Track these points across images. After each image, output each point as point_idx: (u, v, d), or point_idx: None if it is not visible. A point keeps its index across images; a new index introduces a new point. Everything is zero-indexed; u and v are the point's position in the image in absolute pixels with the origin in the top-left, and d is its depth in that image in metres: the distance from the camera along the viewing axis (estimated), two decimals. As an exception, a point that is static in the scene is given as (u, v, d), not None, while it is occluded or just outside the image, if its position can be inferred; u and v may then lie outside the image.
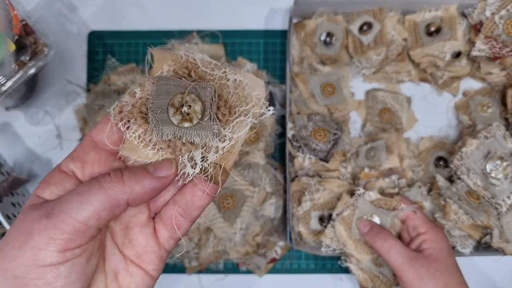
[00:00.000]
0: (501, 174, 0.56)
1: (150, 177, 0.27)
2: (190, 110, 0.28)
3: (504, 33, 0.58)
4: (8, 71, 0.50)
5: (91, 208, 0.25)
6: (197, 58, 0.30)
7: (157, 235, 0.29)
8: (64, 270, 0.24)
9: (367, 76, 0.65)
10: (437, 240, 0.51)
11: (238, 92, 0.29)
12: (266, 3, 0.67)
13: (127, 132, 0.29)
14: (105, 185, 0.25)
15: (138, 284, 0.29)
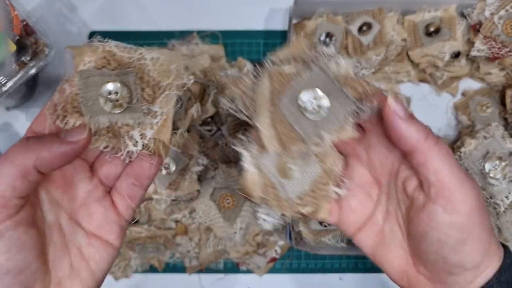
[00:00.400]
0: (500, 174, 0.56)
1: (58, 142, 0.27)
2: (118, 96, 0.30)
3: (503, 33, 0.58)
4: (9, 71, 0.50)
5: (2, 180, 0.25)
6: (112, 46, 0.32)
7: (116, 206, 0.32)
8: (2, 244, 0.25)
9: (367, 76, 0.66)
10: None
11: (158, 68, 0.31)
12: (266, 3, 0.67)
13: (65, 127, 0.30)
14: (10, 155, 0.26)
15: (102, 254, 0.31)
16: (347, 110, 0.31)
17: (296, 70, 0.32)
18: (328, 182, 0.33)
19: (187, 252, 0.62)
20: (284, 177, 0.32)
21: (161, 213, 0.61)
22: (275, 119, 0.31)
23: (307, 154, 0.32)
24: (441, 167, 0.28)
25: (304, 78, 0.31)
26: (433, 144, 0.29)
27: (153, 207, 0.61)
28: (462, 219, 0.29)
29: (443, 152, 0.29)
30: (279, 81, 0.32)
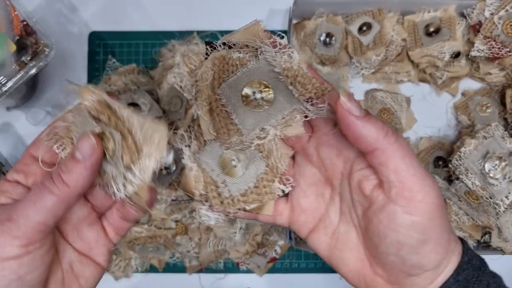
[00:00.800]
0: (500, 174, 0.56)
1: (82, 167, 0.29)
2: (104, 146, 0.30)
3: (503, 33, 0.58)
4: (9, 71, 0.50)
5: (48, 212, 0.28)
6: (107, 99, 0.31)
7: (106, 231, 0.34)
8: (27, 260, 0.28)
9: (367, 77, 0.66)
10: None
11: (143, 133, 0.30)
12: (266, 3, 0.67)
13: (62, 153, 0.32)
14: (54, 191, 0.28)
15: (92, 273, 0.33)
16: (294, 107, 0.30)
17: (244, 58, 0.30)
18: (273, 179, 0.31)
19: (187, 252, 0.62)
20: (227, 174, 0.31)
21: (161, 213, 0.61)
22: (214, 106, 0.30)
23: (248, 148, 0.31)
24: (401, 166, 0.27)
25: (250, 68, 0.30)
26: (392, 142, 0.27)
27: (153, 207, 0.61)
28: (423, 219, 0.28)
29: (403, 150, 0.27)
30: (223, 68, 0.30)
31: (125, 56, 0.66)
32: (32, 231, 0.28)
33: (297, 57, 0.29)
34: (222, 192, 0.31)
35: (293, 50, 0.29)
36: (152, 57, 0.66)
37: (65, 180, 0.29)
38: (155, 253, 0.61)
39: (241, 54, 0.30)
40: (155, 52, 0.66)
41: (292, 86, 0.29)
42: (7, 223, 0.28)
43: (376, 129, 0.27)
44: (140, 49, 0.66)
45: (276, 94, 0.30)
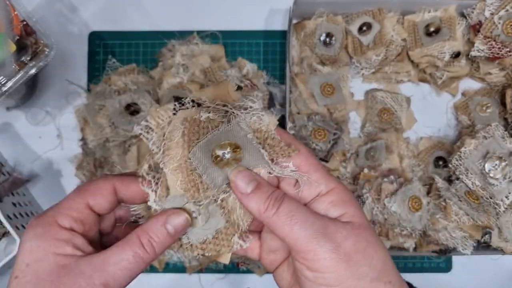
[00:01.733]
0: (500, 174, 0.56)
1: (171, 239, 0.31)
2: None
3: (503, 33, 0.58)
4: (9, 71, 0.50)
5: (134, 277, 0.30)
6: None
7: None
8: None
9: (367, 76, 0.66)
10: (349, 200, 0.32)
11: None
12: (266, 3, 0.67)
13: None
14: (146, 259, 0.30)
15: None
16: (259, 164, 0.31)
17: (214, 121, 0.31)
18: (233, 233, 0.33)
19: (187, 252, 0.62)
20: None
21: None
22: (183, 165, 0.31)
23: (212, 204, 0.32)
24: (283, 234, 0.29)
25: (221, 130, 0.31)
26: (271, 215, 0.29)
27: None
28: (323, 274, 0.28)
29: (281, 220, 0.29)
30: (193, 130, 0.31)
31: (125, 56, 0.66)
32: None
33: (266, 120, 0.31)
34: (181, 238, 0.33)
35: (263, 113, 0.31)
36: (152, 57, 0.66)
37: (157, 251, 0.30)
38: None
39: (211, 115, 0.31)
40: (155, 52, 0.66)
41: (262, 149, 0.31)
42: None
43: (257, 205, 0.30)
44: (140, 49, 0.66)
45: (245, 154, 0.31)
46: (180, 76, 0.61)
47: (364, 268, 0.29)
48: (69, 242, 0.29)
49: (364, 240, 0.30)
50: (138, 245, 0.30)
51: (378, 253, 0.30)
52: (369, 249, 0.30)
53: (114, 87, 0.62)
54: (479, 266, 0.64)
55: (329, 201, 0.31)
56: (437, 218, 0.58)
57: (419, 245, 0.60)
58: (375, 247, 0.30)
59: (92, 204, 0.31)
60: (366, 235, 0.30)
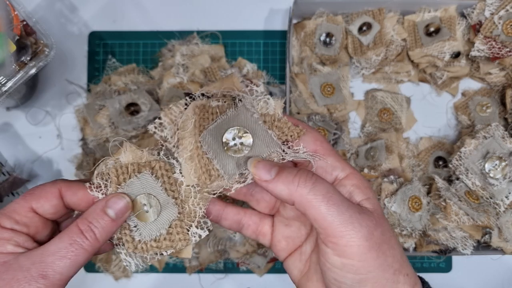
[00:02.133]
0: (500, 174, 0.56)
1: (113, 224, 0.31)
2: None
3: (503, 33, 0.58)
4: (9, 71, 0.50)
5: (78, 266, 0.30)
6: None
7: None
8: None
9: (367, 76, 0.66)
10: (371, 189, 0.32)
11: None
12: (266, 3, 0.67)
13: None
14: (86, 246, 0.30)
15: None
16: (271, 151, 0.31)
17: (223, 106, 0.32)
18: (189, 224, 0.33)
19: (187, 252, 0.62)
20: (138, 218, 0.33)
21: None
22: (196, 153, 0.31)
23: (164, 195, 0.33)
24: (318, 216, 0.28)
25: (229, 115, 0.32)
26: (306, 193, 0.28)
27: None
28: (352, 261, 0.28)
29: (318, 199, 0.28)
30: (203, 116, 0.32)
31: (125, 56, 0.66)
32: (63, 285, 0.29)
33: (273, 103, 0.32)
34: (134, 237, 0.32)
35: (269, 97, 0.32)
36: (152, 57, 0.66)
37: (98, 236, 0.30)
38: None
39: (220, 103, 0.32)
40: (155, 52, 0.66)
41: (270, 130, 0.31)
42: (42, 280, 0.28)
43: (286, 186, 0.29)
44: (140, 49, 0.66)
45: (254, 138, 0.31)
46: (180, 76, 0.61)
47: (390, 259, 0.29)
48: (10, 240, 0.30)
49: (388, 230, 0.30)
50: (76, 233, 0.30)
51: (398, 244, 0.30)
52: (392, 240, 0.30)
53: (114, 87, 0.62)
54: (479, 266, 0.64)
55: (352, 184, 0.31)
56: (437, 218, 0.58)
57: (419, 245, 0.60)
58: (395, 239, 0.30)
59: (35, 207, 0.31)
60: (388, 225, 0.30)
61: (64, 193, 0.31)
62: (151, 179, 0.32)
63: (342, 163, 0.31)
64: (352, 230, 0.27)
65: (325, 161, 0.31)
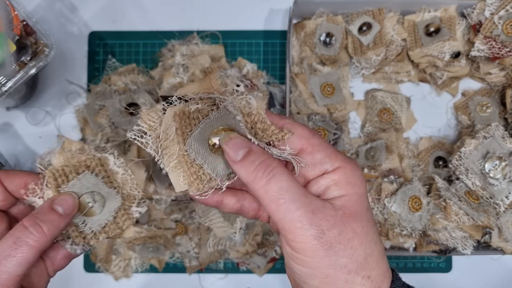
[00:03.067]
0: (500, 174, 0.56)
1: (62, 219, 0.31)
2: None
3: (503, 33, 0.58)
4: (9, 71, 0.50)
5: (26, 264, 0.29)
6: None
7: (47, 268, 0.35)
8: None
9: (367, 76, 0.66)
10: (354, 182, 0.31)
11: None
12: (266, 3, 0.67)
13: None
14: (32, 242, 0.30)
15: None
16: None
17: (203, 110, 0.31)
18: (130, 206, 0.36)
19: (187, 252, 0.62)
20: (86, 215, 0.35)
21: (161, 213, 0.61)
22: (182, 160, 0.31)
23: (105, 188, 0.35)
24: (269, 210, 0.29)
25: (212, 118, 0.31)
26: (260, 187, 0.28)
27: (153, 207, 0.61)
28: (302, 257, 0.28)
29: (269, 196, 0.28)
30: (185, 122, 0.31)
31: (125, 56, 0.66)
32: (13, 284, 0.29)
33: (254, 104, 0.31)
34: (83, 230, 0.35)
35: (250, 97, 0.31)
36: (152, 57, 0.66)
37: (45, 231, 0.30)
38: (155, 253, 0.61)
39: (200, 106, 0.31)
40: (155, 52, 0.66)
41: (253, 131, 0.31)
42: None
43: (246, 173, 0.29)
44: (140, 49, 0.66)
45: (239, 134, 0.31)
46: (180, 76, 0.61)
47: (343, 260, 0.28)
48: None
49: (351, 230, 0.29)
50: (20, 230, 0.30)
51: (363, 246, 0.29)
52: (354, 241, 0.29)
53: (114, 87, 0.62)
54: (479, 266, 0.64)
55: (332, 179, 0.30)
56: (437, 218, 0.58)
57: (419, 245, 0.60)
58: (361, 239, 0.29)
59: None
60: (356, 225, 0.29)
61: (3, 181, 0.33)
62: (91, 178, 0.35)
63: (331, 157, 0.31)
64: (300, 229, 0.28)
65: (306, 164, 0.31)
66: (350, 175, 0.30)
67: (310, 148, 0.31)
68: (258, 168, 0.29)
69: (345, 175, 0.30)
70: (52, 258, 0.35)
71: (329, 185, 0.30)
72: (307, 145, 0.31)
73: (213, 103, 0.32)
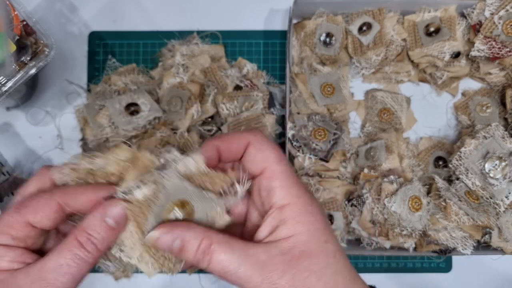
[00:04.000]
0: (500, 174, 0.56)
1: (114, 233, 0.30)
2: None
3: (503, 33, 0.58)
4: (9, 71, 0.50)
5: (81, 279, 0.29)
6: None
7: None
8: None
9: (367, 76, 0.66)
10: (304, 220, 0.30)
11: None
12: (266, 3, 0.67)
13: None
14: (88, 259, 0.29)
15: None
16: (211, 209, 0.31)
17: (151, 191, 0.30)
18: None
19: (187, 252, 0.62)
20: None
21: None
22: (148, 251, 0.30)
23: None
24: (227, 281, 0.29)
25: (160, 198, 0.30)
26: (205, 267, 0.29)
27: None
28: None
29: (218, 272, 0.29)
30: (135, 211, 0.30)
31: (125, 56, 0.66)
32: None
33: (191, 162, 0.31)
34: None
35: (184, 157, 0.31)
36: (152, 57, 0.66)
37: (99, 247, 0.29)
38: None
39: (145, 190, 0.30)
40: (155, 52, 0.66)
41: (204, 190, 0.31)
42: None
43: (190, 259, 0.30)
44: (140, 49, 0.66)
45: (194, 203, 0.31)
46: (180, 76, 0.61)
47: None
48: (4, 257, 0.28)
49: (304, 270, 0.29)
50: (77, 246, 0.29)
51: (323, 281, 0.29)
52: (311, 278, 0.29)
53: (114, 87, 0.62)
54: (479, 266, 0.64)
55: (280, 218, 0.30)
56: (437, 218, 0.58)
57: (419, 245, 0.60)
58: (318, 275, 0.29)
59: (33, 222, 0.29)
60: (309, 263, 0.29)
61: (64, 203, 0.30)
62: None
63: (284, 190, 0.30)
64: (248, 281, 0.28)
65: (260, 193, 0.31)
66: (300, 212, 0.30)
67: (269, 174, 0.31)
68: (197, 255, 0.29)
69: (293, 213, 0.30)
70: None
71: (278, 225, 0.30)
72: (269, 170, 0.31)
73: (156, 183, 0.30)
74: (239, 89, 0.62)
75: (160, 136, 0.57)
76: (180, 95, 0.60)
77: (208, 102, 0.61)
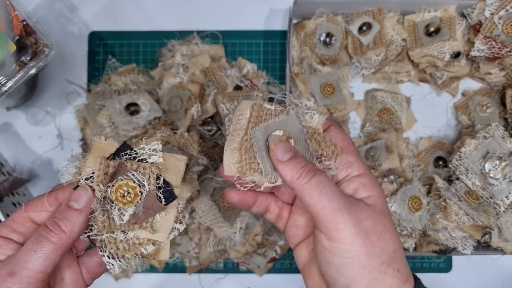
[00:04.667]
0: (500, 174, 0.56)
1: (77, 213, 0.32)
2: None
3: (503, 33, 0.58)
4: (9, 71, 0.50)
5: (47, 260, 0.30)
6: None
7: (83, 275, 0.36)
8: None
9: (367, 76, 0.66)
10: (377, 187, 0.35)
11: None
12: (266, 3, 0.67)
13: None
14: (53, 239, 0.31)
15: None
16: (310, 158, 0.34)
17: (276, 110, 0.35)
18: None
19: (187, 252, 0.62)
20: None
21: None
22: (242, 145, 0.34)
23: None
24: (311, 202, 0.31)
25: (280, 119, 0.35)
26: (304, 182, 0.32)
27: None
28: (339, 245, 0.31)
29: (313, 189, 0.31)
30: (258, 114, 0.35)
31: (125, 56, 0.66)
32: (35, 281, 0.30)
33: (317, 119, 0.35)
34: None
35: (315, 112, 0.36)
36: (152, 57, 0.66)
37: (63, 228, 0.31)
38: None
39: (273, 107, 0.35)
40: (155, 52, 0.66)
41: (309, 141, 0.34)
42: (10, 278, 0.29)
43: (291, 172, 0.32)
44: (140, 49, 0.66)
45: (295, 145, 0.34)
46: (180, 76, 0.61)
47: (377, 250, 0.31)
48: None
49: (382, 224, 0.32)
50: (43, 229, 0.31)
51: (393, 240, 0.32)
52: (385, 234, 0.32)
53: (114, 87, 0.62)
54: (479, 266, 0.64)
55: (359, 182, 0.34)
56: (437, 218, 0.58)
57: (419, 245, 0.60)
58: (390, 234, 0.32)
59: (33, 216, 0.33)
60: (385, 221, 0.33)
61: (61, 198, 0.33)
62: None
63: (359, 163, 0.35)
64: (341, 217, 0.31)
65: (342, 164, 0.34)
66: (373, 180, 0.35)
67: (347, 150, 0.35)
68: (303, 168, 0.32)
69: (370, 180, 0.35)
70: (87, 265, 0.36)
71: (357, 187, 0.34)
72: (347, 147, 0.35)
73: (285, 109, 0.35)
74: (239, 89, 0.62)
75: (160, 136, 0.58)
76: (180, 95, 0.60)
77: (208, 102, 0.61)
